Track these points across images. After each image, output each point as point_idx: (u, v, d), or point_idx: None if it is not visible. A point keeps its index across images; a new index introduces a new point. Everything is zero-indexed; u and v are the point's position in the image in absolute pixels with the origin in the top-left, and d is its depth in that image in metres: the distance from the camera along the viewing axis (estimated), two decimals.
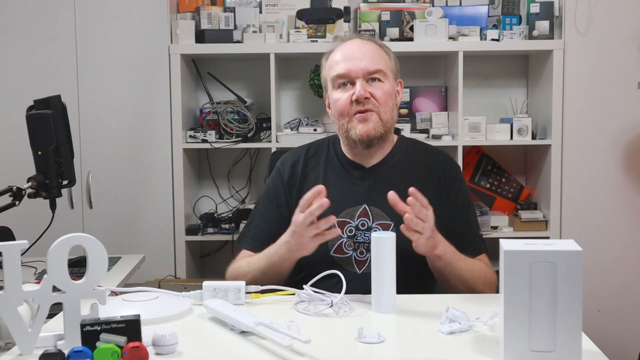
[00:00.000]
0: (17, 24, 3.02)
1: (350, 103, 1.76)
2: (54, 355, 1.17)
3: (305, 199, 1.57)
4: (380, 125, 1.76)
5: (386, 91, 1.78)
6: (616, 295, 3.10)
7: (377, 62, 1.79)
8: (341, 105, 1.78)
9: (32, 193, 1.84)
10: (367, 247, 1.75)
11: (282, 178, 1.88)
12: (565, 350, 1.14)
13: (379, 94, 1.76)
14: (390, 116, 1.79)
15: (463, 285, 1.69)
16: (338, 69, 1.79)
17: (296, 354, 1.22)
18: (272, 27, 3.10)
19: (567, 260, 1.14)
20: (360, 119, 1.75)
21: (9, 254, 1.23)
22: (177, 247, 3.10)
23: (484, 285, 1.71)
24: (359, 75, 1.76)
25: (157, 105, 3.07)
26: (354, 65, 1.77)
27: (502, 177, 3.36)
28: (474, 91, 3.33)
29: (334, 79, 1.80)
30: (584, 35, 3.04)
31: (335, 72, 1.80)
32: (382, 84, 1.78)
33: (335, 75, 1.79)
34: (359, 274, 1.74)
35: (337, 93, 1.80)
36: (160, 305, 1.47)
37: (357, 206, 1.79)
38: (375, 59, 1.79)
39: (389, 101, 1.79)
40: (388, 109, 1.78)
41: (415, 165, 1.86)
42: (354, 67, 1.76)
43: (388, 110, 1.79)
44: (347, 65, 1.77)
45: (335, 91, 1.81)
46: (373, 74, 1.77)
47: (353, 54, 1.79)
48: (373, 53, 1.80)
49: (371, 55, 1.79)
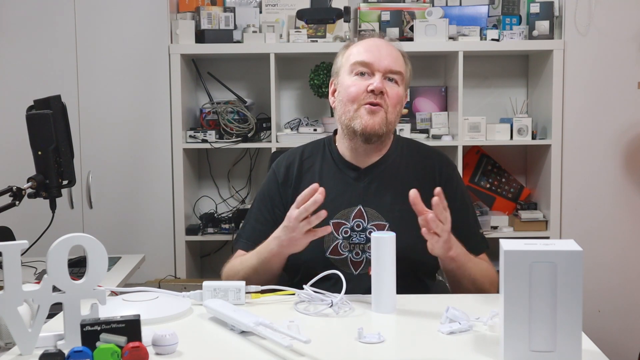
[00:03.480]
0: (17, 24, 3.02)
1: (363, 92, 1.75)
2: (54, 355, 1.16)
3: (302, 195, 1.57)
4: (384, 123, 1.76)
5: (399, 94, 1.78)
6: (616, 295, 3.10)
7: (400, 65, 1.80)
8: (355, 91, 1.76)
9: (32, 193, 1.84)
10: (362, 248, 1.75)
11: (276, 179, 1.87)
12: (565, 350, 1.14)
13: (392, 94, 1.77)
14: (394, 119, 1.80)
15: (472, 285, 1.69)
16: (362, 56, 1.78)
17: (296, 354, 1.22)
18: (272, 27, 3.10)
19: (567, 260, 1.14)
20: (369, 111, 1.75)
21: (9, 254, 1.23)
22: (177, 247, 3.11)
23: (490, 285, 1.72)
24: (381, 69, 1.76)
25: (157, 105, 3.07)
26: (379, 59, 1.77)
27: (502, 177, 3.36)
28: (474, 91, 3.33)
29: (355, 64, 1.78)
30: (584, 35, 3.04)
31: (358, 58, 1.78)
32: (397, 87, 1.79)
33: (358, 61, 1.78)
34: (355, 275, 1.74)
35: (352, 79, 1.78)
36: (160, 305, 1.47)
37: (352, 207, 1.78)
38: (399, 62, 1.80)
39: (398, 105, 1.79)
40: (395, 111, 1.79)
41: (411, 165, 1.85)
42: (378, 60, 1.76)
43: (395, 113, 1.79)
44: (372, 56, 1.77)
45: (351, 76, 1.79)
46: (394, 73, 1.78)
47: (379, 49, 1.79)
48: (398, 56, 1.81)
49: (396, 57, 1.80)
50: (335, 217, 1.77)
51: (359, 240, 1.76)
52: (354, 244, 1.76)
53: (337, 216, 1.78)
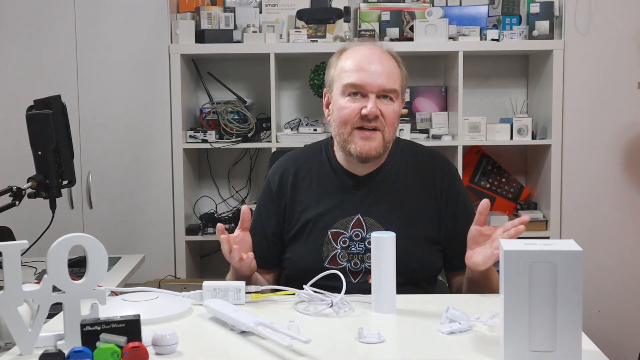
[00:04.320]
0: (17, 24, 3.02)
1: (356, 115, 1.70)
2: (54, 355, 1.16)
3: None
4: (381, 145, 1.72)
5: (395, 111, 1.73)
6: (616, 295, 3.10)
7: (394, 81, 1.72)
8: (347, 115, 1.71)
9: (32, 193, 1.85)
10: (361, 258, 1.74)
11: (270, 189, 1.85)
12: (565, 350, 1.14)
13: (388, 113, 1.71)
14: (392, 136, 1.76)
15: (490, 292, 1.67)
16: (353, 77, 1.70)
17: (296, 354, 1.22)
18: (272, 27, 3.10)
19: (567, 260, 1.14)
20: (363, 137, 1.70)
21: (9, 254, 1.23)
22: (177, 247, 3.10)
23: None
24: (374, 90, 1.69)
25: (157, 105, 3.07)
26: (371, 79, 1.69)
27: (502, 177, 3.36)
28: (474, 91, 3.33)
29: (346, 86, 1.71)
30: (584, 35, 3.04)
31: (349, 80, 1.71)
32: (393, 104, 1.73)
33: (349, 83, 1.71)
34: (354, 284, 1.72)
35: (345, 101, 1.72)
36: (160, 305, 1.47)
37: (350, 216, 1.76)
38: (393, 77, 1.72)
39: (395, 122, 1.75)
40: (393, 129, 1.74)
41: (411, 171, 1.82)
42: (370, 82, 1.69)
43: (392, 131, 1.74)
44: (363, 77, 1.70)
45: (343, 98, 1.73)
46: (388, 92, 1.71)
47: (370, 65, 1.71)
48: (391, 70, 1.73)
49: (389, 71, 1.72)
50: (333, 227, 1.75)
51: (357, 250, 1.74)
52: (352, 253, 1.74)
53: (336, 225, 1.76)
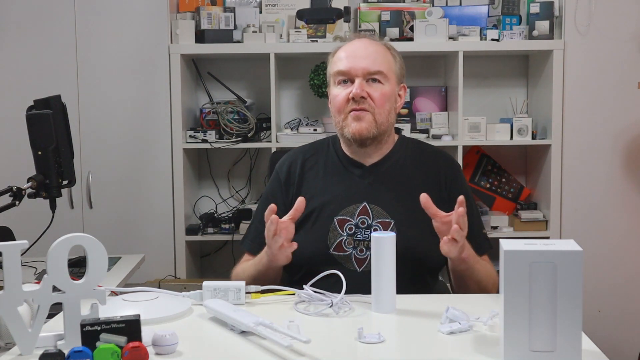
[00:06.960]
0: (17, 24, 3.02)
1: (347, 101, 1.77)
2: (54, 355, 1.17)
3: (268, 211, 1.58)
4: (374, 125, 1.77)
5: (384, 93, 1.78)
6: (616, 295, 3.10)
7: (380, 63, 1.79)
8: (338, 102, 1.79)
9: (32, 193, 1.84)
10: (367, 245, 1.75)
11: (279, 179, 1.89)
12: (565, 350, 1.14)
13: (376, 95, 1.77)
14: (385, 118, 1.79)
15: (477, 286, 1.70)
16: (340, 65, 1.80)
17: (296, 354, 1.22)
18: (272, 27, 3.10)
19: (567, 260, 1.14)
20: (354, 117, 1.77)
21: (9, 254, 1.23)
22: (177, 247, 3.10)
23: (492, 286, 1.73)
24: (359, 74, 1.77)
25: (157, 105, 3.07)
26: (355, 63, 1.77)
27: (502, 177, 3.36)
28: (474, 91, 3.33)
29: (335, 74, 1.82)
30: (584, 35, 3.04)
31: (336, 68, 1.81)
32: (382, 86, 1.78)
33: (336, 71, 1.81)
34: (358, 272, 1.74)
35: (336, 89, 1.82)
36: (160, 305, 1.47)
37: (357, 204, 1.79)
38: (378, 60, 1.79)
39: (386, 104, 1.78)
40: (384, 111, 1.78)
41: (416, 165, 1.86)
42: (354, 66, 1.77)
43: (384, 113, 1.78)
44: (349, 62, 1.78)
45: (335, 87, 1.82)
46: (373, 74, 1.78)
47: (357, 52, 1.80)
48: (377, 54, 1.80)
49: (375, 55, 1.79)
50: (339, 214, 1.78)
51: (363, 237, 1.76)
52: (358, 240, 1.76)
53: (342, 213, 1.78)
